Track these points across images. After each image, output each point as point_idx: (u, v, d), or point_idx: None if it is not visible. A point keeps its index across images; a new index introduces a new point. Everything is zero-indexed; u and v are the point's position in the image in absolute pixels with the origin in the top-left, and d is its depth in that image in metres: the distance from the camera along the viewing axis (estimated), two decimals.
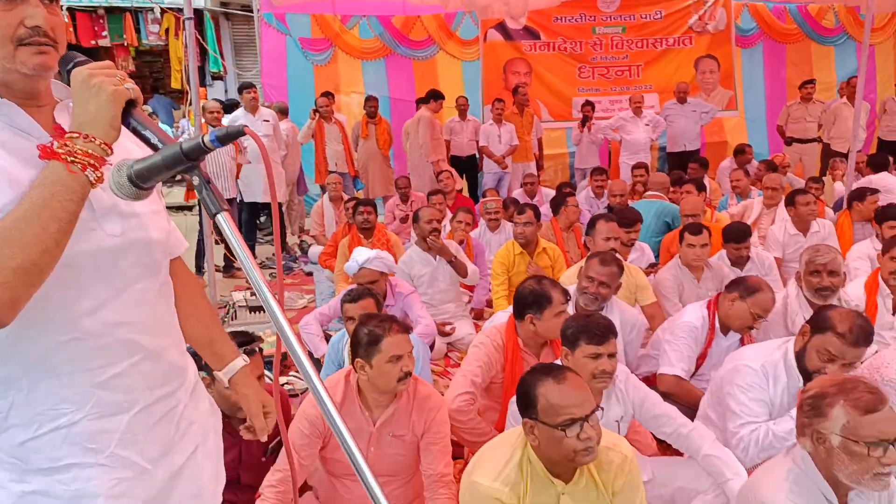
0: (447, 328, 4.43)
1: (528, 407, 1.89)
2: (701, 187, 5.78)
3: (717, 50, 9.51)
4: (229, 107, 7.15)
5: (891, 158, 6.62)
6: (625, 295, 3.78)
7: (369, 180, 7.87)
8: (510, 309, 2.94)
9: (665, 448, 2.81)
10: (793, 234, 4.92)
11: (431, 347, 3.72)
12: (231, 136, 1.00)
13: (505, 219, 5.80)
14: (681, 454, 2.61)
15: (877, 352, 2.76)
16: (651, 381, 3.11)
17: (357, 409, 2.28)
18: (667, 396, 2.97)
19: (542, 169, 8.96)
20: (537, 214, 4.69)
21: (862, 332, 2.27)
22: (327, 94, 7.58)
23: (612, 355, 2.32)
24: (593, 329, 2.31)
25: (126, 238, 1.17)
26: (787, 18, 9.59)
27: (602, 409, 1.90)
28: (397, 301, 3.73)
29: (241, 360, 1.48)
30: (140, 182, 1.03)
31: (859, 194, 5.15)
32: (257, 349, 2.26)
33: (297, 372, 3.71)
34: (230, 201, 6.30)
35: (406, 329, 2.28)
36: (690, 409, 2.80)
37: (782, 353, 2.45)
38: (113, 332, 1.15)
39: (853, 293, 3.53)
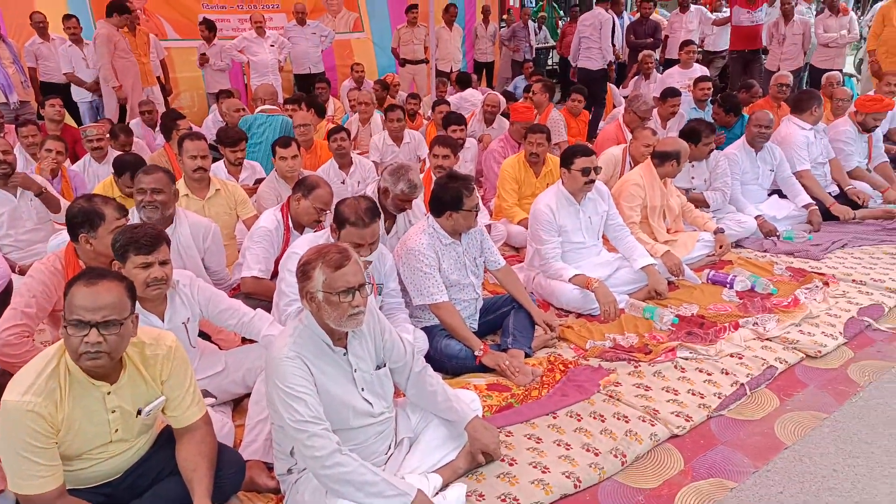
0: None
1: None
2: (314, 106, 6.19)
3: None
4: None
5: (474, 76, 7.87)
6: (225, 210, 3.95)
7: None
8: None
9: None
10: (388, 143, 5.63)
11: (9, 289, 3.40)
12: None
13: (115, 148, 5.43)
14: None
15: None
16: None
17: None
18: (250, 296, 3.27)
19: (173, 94, 8.48)
20: None
21: (368, 211, 2.71)
22: None
23: (163, 262, 2.43)
24: (141, 240, 2.37)
25: None
26: None
27: (118, 323, 1.85)
28: None
29: None
30: None
31: (437, 105, 6.08)
32: None
33: None
34: None
35: None
36: None
37: (325, 238, 2.87)
38: None
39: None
